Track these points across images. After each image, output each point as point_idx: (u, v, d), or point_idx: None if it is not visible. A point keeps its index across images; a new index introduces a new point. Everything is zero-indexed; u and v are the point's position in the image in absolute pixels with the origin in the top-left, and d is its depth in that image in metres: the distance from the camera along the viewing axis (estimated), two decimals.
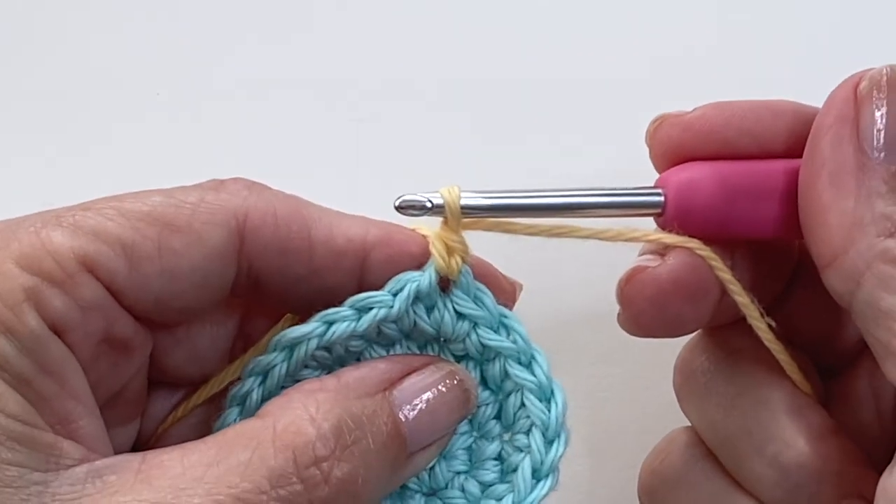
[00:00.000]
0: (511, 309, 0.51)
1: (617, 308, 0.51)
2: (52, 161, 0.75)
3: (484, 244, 0.51)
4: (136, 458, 0.43)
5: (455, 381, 0.48)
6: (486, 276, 0.51)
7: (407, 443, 0.45)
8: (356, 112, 0.73)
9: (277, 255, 0.47)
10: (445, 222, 0.48)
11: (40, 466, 0.41)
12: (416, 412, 0.46)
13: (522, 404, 0.49)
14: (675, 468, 0.54)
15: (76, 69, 0.76)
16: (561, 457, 0.49)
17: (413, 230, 0.49)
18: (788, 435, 0.49)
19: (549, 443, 0.49)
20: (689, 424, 0.54)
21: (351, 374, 0.46)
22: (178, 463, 0.42)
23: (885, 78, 0.46)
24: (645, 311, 0.49)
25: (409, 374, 0.47)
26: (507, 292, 0.52)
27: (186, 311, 0.47)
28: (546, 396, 0.49)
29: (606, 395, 0.69)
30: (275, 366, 0.49)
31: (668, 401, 0.56)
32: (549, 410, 0.49)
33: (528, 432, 0.49)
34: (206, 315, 0.50)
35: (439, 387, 0.47)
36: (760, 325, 0.49)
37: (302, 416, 0.43)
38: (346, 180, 0.72)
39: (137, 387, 0.49)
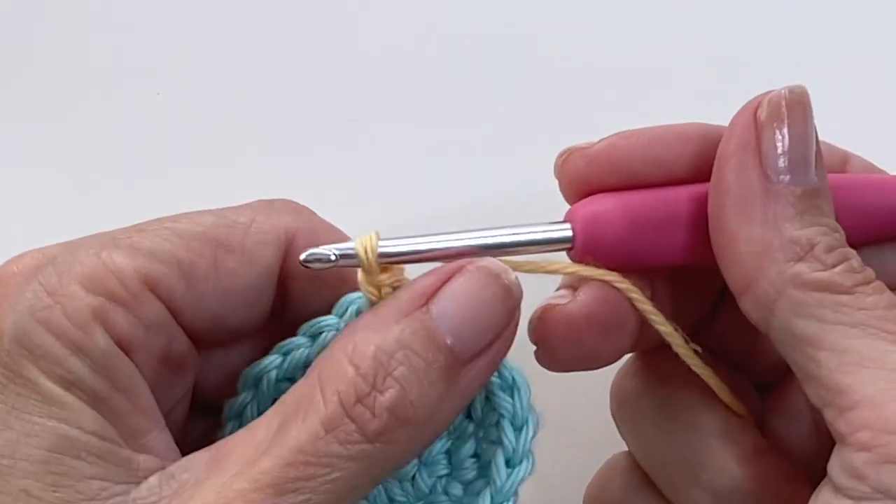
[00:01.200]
0: None
1: None
2: (52, 161, 0.76)
3: None
4: (204, 452, 0.44)
5: (491, 277, 0.45)
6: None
7: (455, 351, 0.44)
8: (353, 112, 0.74)
9: (311, 280, 0.48)
10: (364, 271, 0.48)
11: (121, 479, 0.42)
12: (455, 318, 0.44)
13: (487, 398, 0.49)
14: (616, 496, 0.54)
15: (76, 69, 0.77)
16: (532, 440, 0.48)
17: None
18: (720, 459, 0.49)
19: (517, 430, 0.49)
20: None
21: (388, 303, 0.46)
22: (246, 442, 0.43)
23: (783, 101, 0.45)
24: (559, 348, 0.49)
25: (445, 282, 0.45)
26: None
27: (236, 330, 0.48)
28: (509, 386, 0.49)
29: (605, 395, 0.68)
30: (246, 404, 0.50)
31: None
32: (513, 398, 0.49)
33: (497, 424, 0.49)
34: (253, 333, 0.51)
35: (475, 286, 0.45)
36: (686, 351, 0.49)
37: (342, 360, 0.43)
38: (343, 180, 0.72)
39: (183, 409, 0.50)
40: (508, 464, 0.49)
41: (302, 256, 0.47)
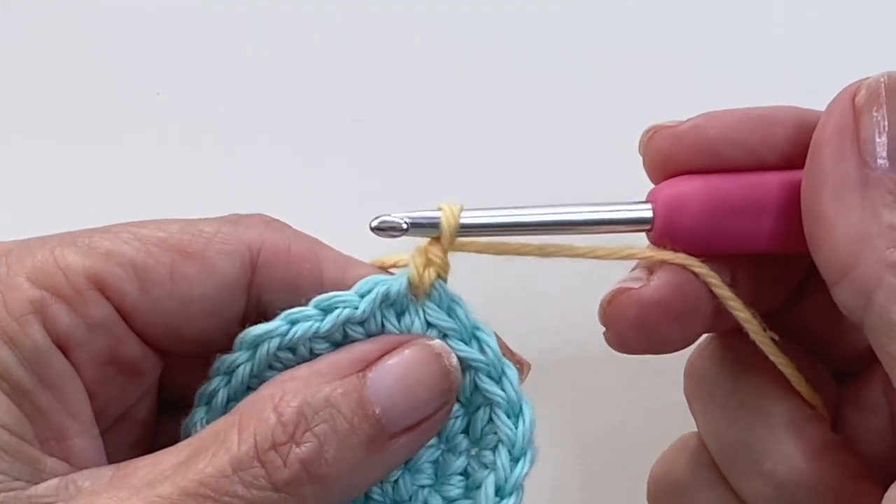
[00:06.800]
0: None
1: None
2: (52, 160, 0.75)
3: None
4: (111, 467, 0.44)
5: (432, 356, 0.46)
6: None
7: (382, 422, 0.44)
8: (356, 112, 0.73)
9: (287, 292, 0.47)
10: (437, 238, 0.47)
11: (23, 476, 0.42)
12: (389, 390, 0.44)
13: (490, 419, 0.48)
14: (681, 476, 0.53)
15: (76, 69, 0.76)
16: (526, 475, 0.48)
17: None
18: (785, 450, 0.48)
19: (514, 460, 0.48)
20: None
21: (325, 360, 0.46)
22: (151, 466, 0.43)
23: (882, 86, 0.44)
24: (628, 332, 0.48)
25: (387, 353, 0.46)
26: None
27: (197, 341, 0.47)
28: (515, 412, 0.48)
29: (606, 395, 0.68)
30: (239, 364, 0.48)
31: (669, 401, 0.55)
32: (517, 427, 0.48)
33: (494, 448, 0.48)
34: (218, 346, 0.50)
35: (415, 362, 0.45)
36: (763, 339, 0.48)
37: (266, 405, 0.43)
38: (344, 180, 0.72)
39: (146, 409, 0.49)
40: (498, 493, 0.48)
41: (373, 223, 0.46)
